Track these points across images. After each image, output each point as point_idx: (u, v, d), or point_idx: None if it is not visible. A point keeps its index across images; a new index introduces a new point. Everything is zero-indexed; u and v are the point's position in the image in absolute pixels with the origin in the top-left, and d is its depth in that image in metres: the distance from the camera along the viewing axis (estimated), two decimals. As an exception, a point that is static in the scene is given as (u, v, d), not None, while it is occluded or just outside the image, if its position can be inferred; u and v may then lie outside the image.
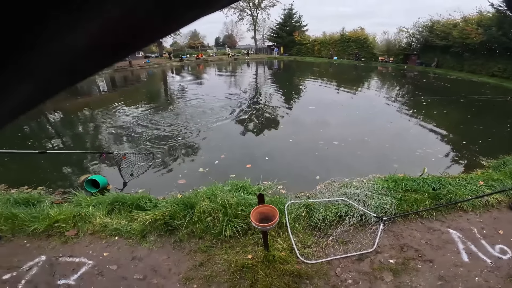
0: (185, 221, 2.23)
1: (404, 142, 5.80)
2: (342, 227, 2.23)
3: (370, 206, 2.35)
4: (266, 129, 6.69)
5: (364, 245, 2.08)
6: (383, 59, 29.52)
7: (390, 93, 12.28)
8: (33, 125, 8.98)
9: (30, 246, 2.33)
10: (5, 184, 3.88)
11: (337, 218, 2.31)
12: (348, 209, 2.33)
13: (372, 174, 3.06)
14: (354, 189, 2.56)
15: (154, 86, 19.13)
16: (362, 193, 2.46)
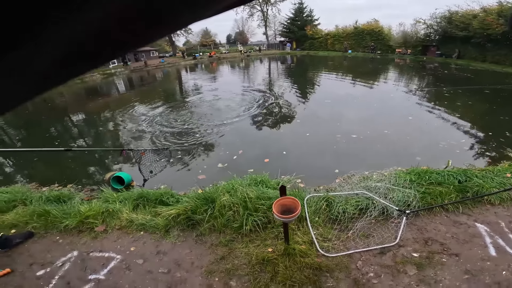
0: (206, 216, 2.29)
1: (426, 134, 5.60)
2: (363, 220, 2.21)
3: (392, 199, 2.30)
4: (282, 124, 6.69)
5: (386, 238, 2.05)
6: (400, 51, 28.78)
7: (409, 85, 11.84)
8: (59, 127, 9.44)
9: (62, 242, 2.46)
10: (36, 183, 4.13)
11: (358, 211, 2.28)
12: (369, 202, 2.30)
13: (393, 167, 2.99)
14: (375, 182, 2.52)
15: (169, 85, 19.48)
16: (383, 186, 2.41)
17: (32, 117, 13.27)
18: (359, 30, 34.54)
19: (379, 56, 28.93)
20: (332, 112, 7.45)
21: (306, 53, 38.07)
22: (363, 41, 33.65)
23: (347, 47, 34.32)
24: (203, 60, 38.84)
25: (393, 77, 14.72)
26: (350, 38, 35.37)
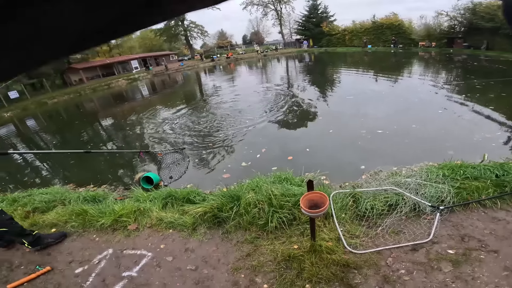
0: (232, 213, 2.33)
1: (458, 128, 5.30)
2: (393, 217, 2.13)
3: (424, 195, 2.20)
4: (304, 121, 6.65)
5: (418, 235, 1.97)
6: (424, 44, 27.57)
7: (437, 79, 11.22)
8: (90, 131, 10.02)
9: (99, 240, 2.59)
10: (73, 184, 4.42)
11: (387, 208, 2.20)
12: (398, 198, 2.21)
13: (424, 162, 2.86)
14: (404, 177, 2.41)
15: (190, 87, 19.97)
16: (413, 182, 2.31)
17: (66, 123, 14.20)
18: (378, 24, 33.56)
19: (401, 50, 27.87)
20: (355, 108, 7.26)
21: (324, 50, 37.30)
22: (383, 35, 32.64)
23: (367, 42, 33.35)
24: (221, 62, 39.31)
25: (418, 71, 13.99)
26: (369, 33, 34.42)
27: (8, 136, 13.87)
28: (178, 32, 47.44)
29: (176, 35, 48.10)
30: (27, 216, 3.18)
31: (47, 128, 14.20)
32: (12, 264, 2.44)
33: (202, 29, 48.34)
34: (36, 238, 2.52)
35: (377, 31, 33.45)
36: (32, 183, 5.26)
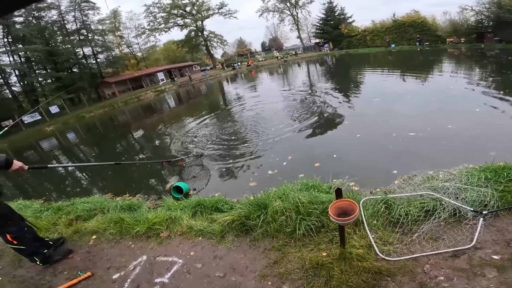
0: (259, 221, 2.35)
1: (500, 127, 4.88)
2: (430, 223, 2.00)
3: (465, 199, 2.04)
4: (330, 126, 6.49)
5: (459, 241, 1.84)
6: (452, 40, 26.23)
7: (470, 75, 10.52)
8: (124, 142, 10.65)
9: (134, 247, 2.71)
10: (111, 193, 4.72)
11: (423, 214, 2.08)
12: (436, 203, 2.07)
13: (463, 164, 2.66)
14: (442, 182, 2.26)
15: (214, 96, 20.48)
16: (452, 186, 2.15)
17: (102, 135, 15.21)
18: (399, 23, 32.67)
19: (428, 48, 26.58)
20: (383, 110, 6.95)
21: (345, 52, 36.54)
22: (406, 33, 31.58)
23: (390, 42, 32.36)
24: (242, 70, 39.90)
25: (449, 68, 13.22)
26: (391, 32, 33.53)
27: (51, 149, 15.18)
28: (199, 43, 48.78)
29: (197, 45, 49.51)
30: (70, 223, 3.40)
31: (85, 140, 15.34)
32: (56, 270, 2.61)
33: (221, 38, 49.29)
34: (47, 256, 2.68)
35: (399, 29, 32.53)
36: (75, 193, 5.70)
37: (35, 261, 2.64)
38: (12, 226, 2.44)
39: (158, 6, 43.88)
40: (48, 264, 2.69)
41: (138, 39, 46.43)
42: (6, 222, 2.39)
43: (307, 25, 55.19)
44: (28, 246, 2.55)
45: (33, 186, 7.28)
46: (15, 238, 2.44)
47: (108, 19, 41.03)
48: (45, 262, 2.67)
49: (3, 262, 2.99)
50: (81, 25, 37.00)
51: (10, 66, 30.36)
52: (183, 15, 45.24)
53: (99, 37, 39.46)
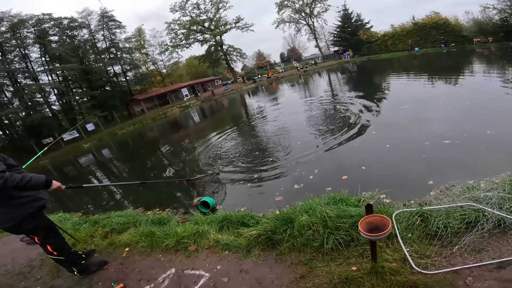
0: (286, 235, 2.33)
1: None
2: (473, 234, 1.87)
3: (510, 209, 1.89)
4: (357, 136, 6.21)
5: (504, 252, 1.71)
6: (480, 40, 25.06)
7: (505, 75, 9.80)
8: (153, 158, 11.15)
9: (164, 260, 2.80)
10: (142, 208, 4.95)
11: (464, 225, 1.95)
12: (478, 214, 1.94)
13: (506, 172, 2.46)
14: (484, 192, 2.10)
15: (236, 110, 20.84)
16: (496, 196, 1.99)
17: (133, 151, 16.03)
18: (420, 25, 31.69)
19: (454, 49, 25.26)
20: (412, 118, 6.57)
21: (367, 59, 35.69)
22: (430, 36, 30.45)
23: (413, 45, 31.28)
24: (263, 82, 40.35)
25: (480, 69, 12.43)
26: (413, 35, 32.55)
27: (88, 164, 16.26)
28: (219, 57, 50.15)
29: (217, 60, 50.96)
30: (106, 236, 3.60)
31: (118, 156, 16.28)
32: (91, 281, 2.75)
33: (240, 51, 50.21)
34: (84, 267, 2.83)
35: (421, 32, 31.51)
36: (110, 206, 6.04)
37: (73, 271, 2.80)
38: (53, 237, 2.62)
39: (178, 23, 46.07)
40: (85, 274, 2.83)
41: (162, 55, 48.72)
42: (48, 234, 2.57)
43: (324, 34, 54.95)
44: (68, 257, 2.72)
45: (72, 200, 7.81)
46: (55, 249, 2.62)
47: (133, 37, 43.41)
48: (82, 272, 2.82)
49: (42, 272, 3.19)
50: (110, 44, 39.39)
51: (49, 85, 32.67)
52: (202, 31, 47.03)
53: (127, 55, 41.76)
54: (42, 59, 33.43)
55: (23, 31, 31.22)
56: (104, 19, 37.75)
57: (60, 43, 34.45)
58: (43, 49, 32.74)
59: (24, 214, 2.34)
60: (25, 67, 31.74)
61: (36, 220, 2.46)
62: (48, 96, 33.66)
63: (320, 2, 49.79)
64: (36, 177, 2.24)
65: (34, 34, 31.94)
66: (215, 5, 46.40)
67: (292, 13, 52.39)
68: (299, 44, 68.85)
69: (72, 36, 36.40)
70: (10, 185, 2.11)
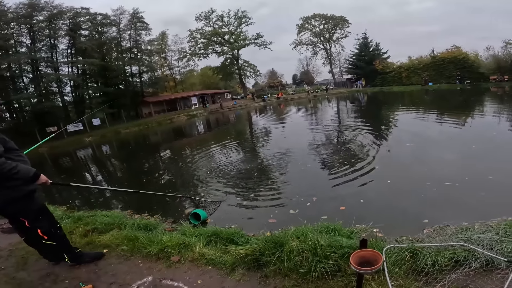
0: (274, 259, 2.25)
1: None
2: (458, 272, 1.83)
3: (500, 250, 1.87)
4: (359, 169, 6.14)
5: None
6: (496, 78, 24.67)
7: None
8: (151, 162, 11.09)
9: (142, 266, 2.68)
10: (131, 210, 4.84)
11: (452, 263, 1.91)
12: (468, 254, 1.91)
13: (503, 217, 2.43)
14: (477, 233, 2.09)
15: (241, 127, 20.99)
16: (488, 238, 1.98)
17: (133, 152, 16.04)
18: (438, 59, 31.16)
19: (469, 87, 25.14)
20: (416, 156, 6.55)
21: (379, 90, 35.54)
22: (446, 71, 29.90)
23: (427, 79, 30.87)
24: (271, 102, 40.76)
25: (492, 110, 12.50)
26: (429, 69, 32.05)
27: (84, 158, 16.22)
28: (233, 71, 51.07)
29: (231, 73, 51.85)
30: (86, 234, 3.48)
31: (117, 155, 16.27)
32: (57, 277, 2.61)
33: (254, 68, 51.28)
34: (78, 255, 2.74)
35: (438, 66, 30.90)
36: (97, 204, 5.90)
37: (64, 258, 2.70)
38: (43, 220, 2.52)
39: (201, 32, 47.52)
40: (76, 262, 2.73)
41: (179, 62, 49.82)
42: (37, 217, 2.49)
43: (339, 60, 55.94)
44: (59, 243, 2.62)
45: (60, 192, 7.62)
46: (45, 233, 2.52)
47: (156, 40, 44.42)
48: (74, 260, 2.72)
49: (8, 262, 3.06)
50: (133, 44, 40.29)
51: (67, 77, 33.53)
52: (221, 43, 48.34)
53: (146, 57, 42.59)
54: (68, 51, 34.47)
55: (58, 22, 32.39)
56: (134, 19, 38.89)
57: (89, 38, 35.60)
58: (72, 41, 33.78)
59: (13, 196, 2.29)
60: (50, 57, 32.64)
61: (25, 203, 2.39)
62: (63, 87, 34.38)
63: (341, 28, 50.98)
64: (24, 171, 2.23)
65: (68, 26, 33.03)
66: (238, 20, 47.92)
67: (311, 36, 53.63)
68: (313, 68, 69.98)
69: (101, 32, 37.49)
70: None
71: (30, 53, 29.96)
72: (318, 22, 51.58)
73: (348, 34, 50.18)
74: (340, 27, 51.00)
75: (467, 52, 28.99)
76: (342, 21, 50.40)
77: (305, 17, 51.70)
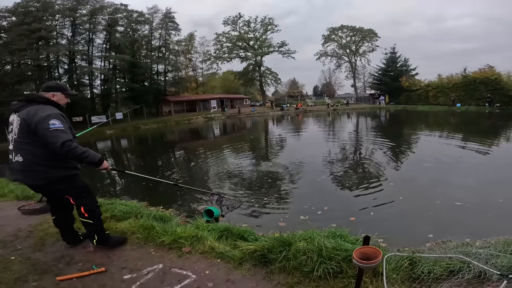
0: (281, 256, 2.36)
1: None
2: (451, 281, 1.92)
3: (495, 264, 1.95)
4: (373, 184, 6.23)
5: None
6: None
7: None
8: (165, 159, 11.48)
9: (154, 255, 2.83)
10: (147, 202, 5.07)
11: (447, 273, 2.00)
12: (463, 265, 1.99)
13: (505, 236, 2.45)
14: (476, 248, 2.16)
15: (257, 134, 21.09)
16: (485, 252, 2.06)
17: (150, 148, 16.60)
18: (470, 79, 28.93)
19: (498, 110, 23.52)
20: (432, 177, 6.53)
21: (402, 108, 33.90)
22: (476, 92, 27.80)
23: (455, 100, 28.69)
24: (290, 112, 40.41)
25: None
26: (459, 89, 29.83)
27: (103, 150, 16.92)
28: (254, 77, 50.88)
29: (252, 79, 51.69)
30: (104, 221, 3.57)
31: (134, 149, 16.88)
32: (72, 260, 2.74)
33: (275, 76, 51.01)
34: (106, 237, 2.90)
35: (468, 87, 28.72)
36: (116, 193, 6.23)
37: (94, 238, 2.86)
38: (86, 198, 2.68)
39: (227, 36, 47.96)
40: (103, 244, 2.88)
41: (203, 64, 50.47)
42: (82, 194, 2.68)
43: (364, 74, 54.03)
44: (96, 222, 2.78)
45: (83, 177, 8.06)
46: (87, 211, 2.69)
47: (184, 41, 45.57)
48: (101, 242, 2.87)
49: (26, 243, 3.14)
50: (163, 43, 41.68)
51: (99, 70, 35.27)
52: (246, 48, 48.61)
53: (173, 57, 43.75)
54: (103, 45, 36.38)
55: (99, 17, 34.37)
56: (166, 19, 40.47)
57: (123, 34, 37.40)
58: (108, 37, 35.62)
59: (63, 175, 2.49)
60: (86, 50, 34.57)
61: (73, 181, 2.59)
62: (94, 79, 36.14)
63: (369, 41, 49.46)
64: (93, 156, 2.46)
65: (107, 21, 34.95)
66: (264, 26, 48.14)
67: (337, 48, 52.13)
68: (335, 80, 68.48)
69: (135, 30, 39.35)
70: (71, 154, 2.31)
71: (70, 45, 31.88)
72: (346, 34, 50.66)
73: (375, 48, 48.81)
74: (368, 40, 49.64)
75: (501, 72, 26.92)
76: (370, 34, 49.23)
77: (332, 28, 51.11)
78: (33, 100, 2.45)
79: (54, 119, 2.28)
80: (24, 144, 2.36)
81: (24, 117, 2.32)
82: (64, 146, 2.22)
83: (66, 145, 2.22)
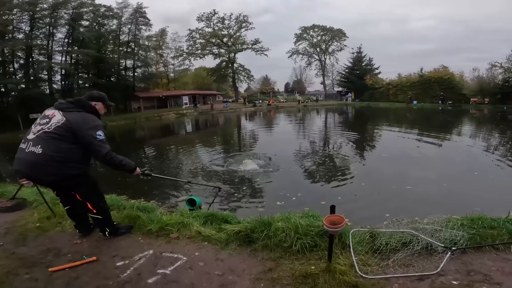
0: (263, 235, 2.66)
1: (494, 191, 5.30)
2: (405, 252, 2.34)
3: (438, 237, 2.40)
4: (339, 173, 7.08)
5: (426, 268, 2.15)
6: (476, 100, 25.25)
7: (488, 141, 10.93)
8: (133, 154, 11.28)
9: (143, 242, 2.95)
10: (127, 196, 5.09)
11: (400, 245, 2.41)
12: (413, 238, 2.43)
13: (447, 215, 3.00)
14: (424, 224, 2.63)
15: (230, 129, 21.25)
16: (431, 228, 2.52)
17: (119, 145, 16.00)
18: (426, 78, 31.69)
19: (450, 107, 25.90)
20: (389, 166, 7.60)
21: (366, 105, 36.01)
22: (431, 90, 30.50)
23: (412, 98, 31.41)
24: (262, 108, 40.72)
25: (467, 132, 13.64)
26: (416, 87, 32.53)
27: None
28: (227, 74, 50.68)
29: (225, 76, 51.44)
30: None
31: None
32: (60, 252, 2.79)
33: (248, 73, 51.15)
34: (116, 228, 3.04)
35: (424, 85, 31.37)
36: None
37: (105, 231, 2.96)
38: (94, 195, 2.81)
39: (200, 32, 47.11)
40: (114, 235, 3.00)
41: (175, 60, 49.06)
42: (90, 192, 2.80)
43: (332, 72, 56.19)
44: (105, 217, 2.91)
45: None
46: (95, 207, 2.81)
47: (155, 37, 43.73)
48: (113, 233, 2.99)
49: (6, 239, 3.13)
50: (132, 38, 39.70)
51: (60, 65, 32.64)
52: (219, 45, 48.10)
53: (143, 52, 41.86)
54: (65, 40, 33.64)
55: (61, 11, 31.62)
56: (136, 14, 38.52)
57: (89, 28, 34.82)
58: (71, 31, 33.01)
59: (73, 173, 2.57)
60: (45, 44, 31.77)
61: (82, 179, 2.68)
62: (54, 75, 33.46)
63: (338, 41, 51.77)
64: (129, 164, 2.77)
65: (70, 16, 32.32)
66: (238, 23, 48.00)
67: (308, 46, 53.79)
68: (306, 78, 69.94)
69: (102, 24, 36.88)
70: (111, 162, 2.61)
71: (27, 40, 29.14)
72: (317, 33, 52.49)
73: (343, 47, 51.33)
74: (337, 39, 52.01)
75: (453, 72, 29.86)
76: (339, 34, 51.60)
77: (304, 27, 52.57)
78: (82, 107, 2.60)
79: (100, 130, 2.54)
80: (52, 138, 2.40)
81: (70, 118, 2.45)
82: (107, 155, 2.54)
83: (108, 155, 2.55)
